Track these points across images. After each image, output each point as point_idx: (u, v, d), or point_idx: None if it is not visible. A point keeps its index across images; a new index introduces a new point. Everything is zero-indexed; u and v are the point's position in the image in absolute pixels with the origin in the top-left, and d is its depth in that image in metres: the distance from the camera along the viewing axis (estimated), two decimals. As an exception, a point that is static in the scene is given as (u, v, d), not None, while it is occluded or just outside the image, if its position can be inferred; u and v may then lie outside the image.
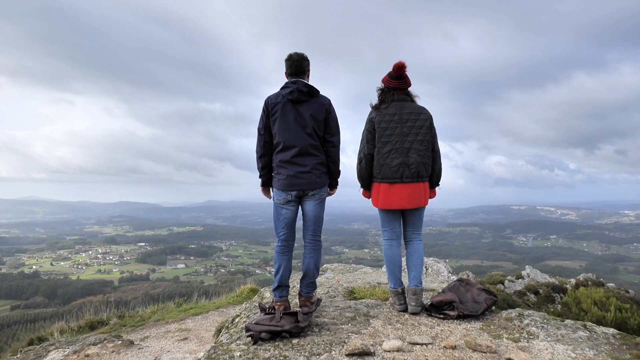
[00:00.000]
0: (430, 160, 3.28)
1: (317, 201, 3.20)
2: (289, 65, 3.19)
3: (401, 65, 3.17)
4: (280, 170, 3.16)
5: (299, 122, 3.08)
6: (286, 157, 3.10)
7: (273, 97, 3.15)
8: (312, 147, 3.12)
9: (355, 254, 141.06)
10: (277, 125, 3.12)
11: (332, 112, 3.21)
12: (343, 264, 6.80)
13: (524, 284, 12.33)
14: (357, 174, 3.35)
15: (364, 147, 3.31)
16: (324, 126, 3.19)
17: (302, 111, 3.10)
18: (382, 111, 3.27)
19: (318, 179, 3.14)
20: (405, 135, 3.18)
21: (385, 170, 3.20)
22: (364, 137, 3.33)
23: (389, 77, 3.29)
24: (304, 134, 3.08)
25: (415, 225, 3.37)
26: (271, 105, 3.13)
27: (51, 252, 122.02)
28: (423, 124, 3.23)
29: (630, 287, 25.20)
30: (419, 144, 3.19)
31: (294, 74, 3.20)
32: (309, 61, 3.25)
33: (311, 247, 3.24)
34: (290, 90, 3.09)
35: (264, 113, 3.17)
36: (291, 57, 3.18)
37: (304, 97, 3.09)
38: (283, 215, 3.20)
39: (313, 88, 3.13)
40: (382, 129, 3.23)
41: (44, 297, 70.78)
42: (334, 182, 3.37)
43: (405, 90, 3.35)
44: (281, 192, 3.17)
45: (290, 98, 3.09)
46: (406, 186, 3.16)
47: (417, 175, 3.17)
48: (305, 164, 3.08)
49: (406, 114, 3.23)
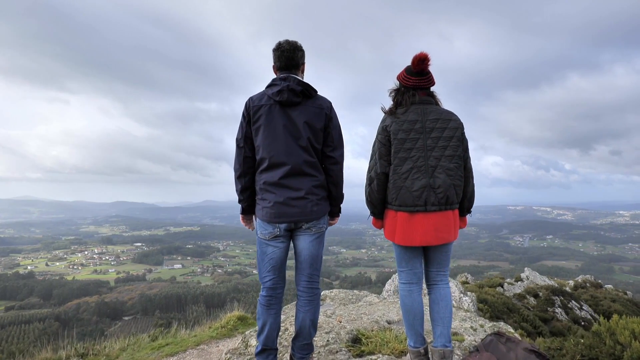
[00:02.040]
0: (462, 181, 2.45)
1: (314, 236, 2.42)
2: (278, 57, 2.40)
3: (423, 58, 2.38)
4: (266, 196, 2.36)
5: (289, 132, 2.31)
6: (273, 178, 2.32)
7: (256, 99, 2.37)
8: (308, 165, 2.34)
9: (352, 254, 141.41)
10: (260, 135, 2.34)
11: (333, 119, 2.44)
12: (344, 291, 5.63)
13: (523, 286, 12.33)
14: (367, 197, 2.56)
15: (376, 164, 2.48)
16: (322, 137, 2.40)
17: (294, 117, 2.32)
18: (400, 117, 2.44)
19: (315, 206, 2.36)
20: (430, 149, 2.40)
21: (404, 195, 2.39)
22: (376, 151, 2.50)
23: (405, 73, 2.49)
24: (296, 147, 2.31)
25: (441, 264, 2.58)
26: (253, 109, 2.35)
27: (46, 253, 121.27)
28: (453, 134, 2.42)
29: (626, 287, 25.20)
30: (447, 160, 2.40)
31: (284, 67, 2.41)
32: (303, 52, 2.46)
33: (306, 297, 2.47)
34: (279, 89, 2.29)
35: (244, 119, 2.39)
36: (281, 46, 2.38)
37: (296, 99, 2.31)
38: (269, 255, 2.41)
39: (309, 86, 2.35)
40: (400, 141, 2.40)
41: (39, 298, 70.35)
42: (335, 210, 2.57)
43: (428, 90, 2.53)
44: (266, 225, 2.37)
45: (278, 99, 2.30)
46: (431, 216, 2.39)
47: (445, 201, 2.39)
48: (299, 188, 2.32)
49: (431, 120, 2.43)
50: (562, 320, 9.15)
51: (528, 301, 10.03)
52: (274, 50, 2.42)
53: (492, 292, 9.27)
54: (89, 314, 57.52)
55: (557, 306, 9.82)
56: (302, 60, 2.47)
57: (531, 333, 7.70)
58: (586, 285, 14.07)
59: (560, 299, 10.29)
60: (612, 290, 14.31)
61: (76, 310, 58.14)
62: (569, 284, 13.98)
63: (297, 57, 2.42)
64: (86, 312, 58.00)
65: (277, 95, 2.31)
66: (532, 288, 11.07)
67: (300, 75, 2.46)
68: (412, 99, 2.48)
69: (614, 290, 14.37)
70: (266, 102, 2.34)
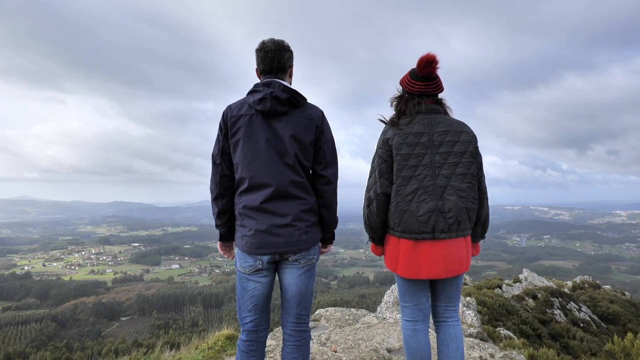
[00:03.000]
0: (475, 204, 2.11)
1: (302, 269, 2.07)
2: (262, 58, 2.07)
3: (430, 60, 2.06)
4: (246, 222, 2.03)
5: (273, 147, 1.98)
6: (254, 202, 1.99)
7: (234, 108, 2.05)
8: (295, 186, 2.00)
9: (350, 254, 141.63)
10: (239, 151, 2.01)
11: (325, 131, 2.09)
12: (340, 310, 5.01)
13: (522, 288, 12.31)
14: (365, 221, 2.22)
15: (376, 183, 2.14)
16: (312, 152, 2.06)
17: (279, 129, 1.99)
18: (403, 129, 2.10)
19: (304, 235, 2.01)
20: (439, 166, 2.07)
21: (408, 221, 2.06)
22: (375, 167, 2.16)
23: (410, 78, 2.17)
24: (281, 165, 1.99)
25: (451, 298, 2.25)
26: (231, 120, 2.03)
27: (43, 253, 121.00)
28: (465, 149, 2.08)
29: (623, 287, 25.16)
30: (459, 179, 2.07)
31: (268, 71, 2.08)
32: (291, 53, 2.12)
33: (294, 342, 2.11)
34: (261, 96, 1.97)
35: (220, 132, 2.06)
36: (264, 46, 2.06)
37: (281, 108, 1.98)
38: (250, 292, 2.08)
39: (296, 93, 2.03)
40: (404, 157, 2.07)
41: (36, 299, 70.13)
42: (328, 236, 2.20)
43: (436, 97, 2.20)
44: (247, 256, 2.04)
45: (260, 109, 1.97)
46: (440, 244, 2.05)
47: (456, 227, 2.06)
48: (284, 213, 1.98)
49: (439, 133, 2.09)
50: (561, 322, 9.13)
51: (527, 303, 10.01)
52: (257, 50, 2.08)
53: (490, 294, 9.24)
54: (86, 314, 57.40)
55: (556, 308, 9.80)
56: (289, 63, 2.11)
57: (530, 335, 7.68)
58: (584, 286, 14.07)
59: (559, 301, 10.28)
60: (611, 291, 14.31)
61: (73, 311, 58.02)
62: (567, 284, 13.97)
63: (284, 58, 2.07)
64: (83, 313, 57.88)
65: (259, 103, 1.97)
66: (531, 289, 11.05)
67: (287, 80, 2.11)
68: (418, 108, 2.13)
69: (612, 291, 14.37)
70: (246, 112, 2.00)
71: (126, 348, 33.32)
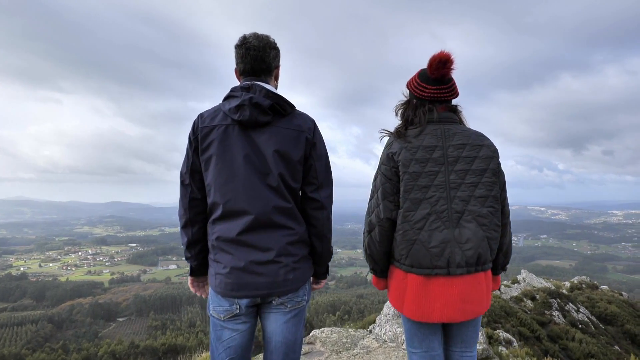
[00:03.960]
0: (498, 232, 1.78)
1: (289, 314, 1.72)
2: (242, 56, 1.72)
3: (445, 59, 1.73)
4: (220, 257, 1.67)
5: (253, 165, 1.64)
6: (229, 233, 1.64)
7: (207, 116, 1.71)
8: (280, 213, 1.66)
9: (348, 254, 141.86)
10: (212, 170, 1.67)
11: (318, 145, 1.74)
12: (337, 331, 4.70)
13: (520, 289, 12.30)
14: (365, 249, 1.90)
15: (379, 206, 1.79)
16: (302, 171, 1.71)
17: (261, 143, 1.66)
18: (412, 141, 1.76)
19: (291, 273, 1.66)
20: (455, 187, 1.73)
21: (417, 253, 1.72)
22: (378, 187, 1.81)
23: (419, 80, 1.83)
24: (263, 187, 1.64)
25: (468, 342, 1.92)
26: (202, 132, 1.68)
27: (40, 253, 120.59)
28: (486, 166, 1.75)
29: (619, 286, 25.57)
30: (479, 203, 1.73)
31: (249, 71, 1.74)
32: (278, 51, 1.79)
33: None
34: (238, 103, 1.64)
35: (190, 146, 1.72)
36: (246, 42, 1.71)
37: (263, 117, 1.64)
38: (225, 343, 1.71)
39: (282, 99, 1.69)
40: (413, 176, 1.73)
41: (32, 300, 69.80)
42: (321, 270, 1.86)
43: (449, 104, 1.86)
44: (221, 299, 1.68)
45: (237, 119, 1.63)
46: (456, 281, 1.71)
47: (476, 261, 1.72)
48: (267, 247, 1.63)
49: (455, 147, 1.76)
50: (560, 323, 9.11)
51: (525, 304, 9.99)
52: (237, 46, 1.71)
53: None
54: (83, 315, 57.14)
55: (554, 309, 9.78)
56: (275, 63, 1.77)
57: (529, 337, 7.65)
58: (582, 287, 14.08)
59: (558, 302, 10.27)
60: (608, 292, 14.32)
61: (70, 312, 57.74)
62: (565, 285, 13.98)
63: (269, 57, 1.73)
64: (80, 314, 57.61)
65: (236, 112, 1.62)
66: (529, 290, 11.04)
67: (272, 84, 1.77)
68: (429, 116, 1.78)
69: (609, 292, 14.38)
70: (220, 122, 1.65)
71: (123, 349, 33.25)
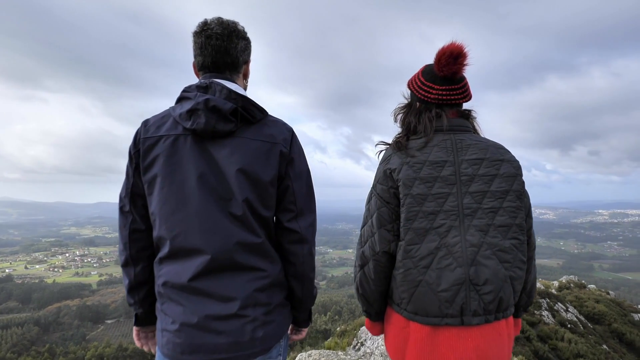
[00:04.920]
0: (523, 269, 1.40)
1: None
2: (202, 46, 1.34)
3: (457, 53, 1.39)
4: (168, 308, 1.27)
5: (210, 189, 1.26)
6: (179, 277, 1.25)
7: (152, 124, 1.32)
8: (246, 250, 1.27)
9: (339, 254, 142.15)
10: (156, 195, 1.28)
11: (296, 161, 1.35)
12: (326, 354, 4.19)
13: (510, 289, 12.44)
14: (356, 288, 1.52)
15: (373, 236, 1.44)
16: (275, 195, 1.33)
17: (221, 159, 1.27)
18: (415, 155, 1.41)
19: (260, 329, 1.26)
20: (470, 213, 1.37)
21: (423, 297, 1.36)
22: (373, 211, 1.45)
23: (423, 79, 1.48)
24: (223, 217, 1.26)
25: None
26: (145, 145, 1.30)
27: (26, 255, 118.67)
28: (509, 187, 1.38)
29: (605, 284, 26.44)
30: (500, 233, 1.36)
31: (210, 66, 1.36)
32: (249, 42, 1.42)
33: None
34: (191, 106, 1.26)
35: (130, 163, 1.34)
36: (207, 29, 1.32)
37: (224, 126, 1.26)
38: None
39: (249, 102, 1.30)
40: (417, 199, 1.37)
41: (18, 302, 68.70)
42: (302, 317, 1.47)
43: (460, 108, 1.51)
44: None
45: (190, 127, 1.25)
46: (472, 333, 1.36)
47: (496, 307, 1.35)
48: (228, 296, 1.24)
49: (470, 162, 1.40)
50: (549, 323, 9.20)
51: (515, 304, 10.07)
52: (195, 34, 1.33)
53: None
54: (70, 318, 56.31)
55: (544, 309, 9.88)
56: (244, 56, 1.39)
57: (519, 338, 7.70)
58: (570, 286, 14.26)
59: (547, 301, 10.37)
60: (596, 291, 14.53)
61: (56, 315, 56.85)
62: (554, 284, 14.14)
63: (236, 49, 1.34)
64: (67, 316, 56.76)
65: (188, 118, 1.23)
66: (519, 290, 11.14)
67: (239, 83, 1.39)
68: (437, 124, 1.43)
69: (597, 291, 14.59)
70: (169, 132, 1.26)
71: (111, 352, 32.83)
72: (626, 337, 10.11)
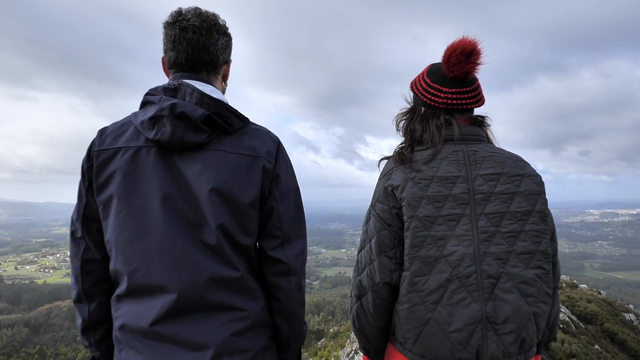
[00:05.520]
0: (548, 303, 1.16)
1: None
2: (174, 40, 1.11)
3: (469, 50, 1.19)
4: (127, 356, 1.02)
5: (177, 212, 1.02)
6: (139, 320, 1.01)
7: (109, 134, 1.09)
8: (221, 287, 1.03)
9: (332, 254, 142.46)
10: (112, 219, 1.05)
11: (282, 177, 1.13)
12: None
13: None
14: (354, 322, 1.33)
15: (372, 264, 1.22)
16: (257, 219, 1.10)
17: (191, 177, 1.04)
18: (422, 170, 1.20)
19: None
20: (487, 238, 1.14)
21: (432, 338, 1.13)
22: (371, 234, 1.23)
23: (429, 80, 1.28)
24: (192, 247, 1.02)
25: None
26: (99, 159, 1.06)
27: (16, 256, 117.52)
28: (531, 207, 1.16)
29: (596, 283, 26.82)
30: (522, 262, 1.14)
31: (183, 64, 1.14)
32: (230, 39, 1.20)
33: None
34: (154, 113, 1.03)
35: (82, 180, 1.10)
36: (182, 20, 1.10)
37: (194, 136, 1.03)
38: None
39: (225, 108, 1.07)
40: (425, 222, 1.15)
41: (8, 303, 67.99)
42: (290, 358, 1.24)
43: (472, 114, 1.31)
44: None
45: (154, 138, 1.02)
46: None
47: (518, 349, 1.13)
48: (199, 343, 1.00)
49: (485, 178, 1.18)
50: (542, 323, 9.23)
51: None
52: (167, 24, 1.12)
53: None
54: (61, 319, 55.70)
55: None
56: (224, 55, 1.18)
57: (513, 338, 7.72)
58: (562, 286, 14.35)
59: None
60: (587, 291, 14.64)
61: (47, 316, 56.23)
62: (546, 284, 14.25)
63: (216, 46, 1.14)
64: (58, 317, 56.15)
65: (151, 127, 1.02)
66: (512, 290, 11.18)
67: (217, 86, 1.17)
68: (446, 132, 1.23)
69: (588, 290, 14.71)
70: (128, 143, 1.05)
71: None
72: (618, 337, 10.18)
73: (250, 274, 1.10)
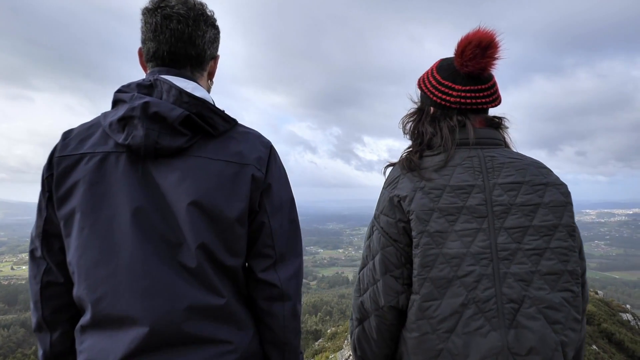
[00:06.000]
0: (577, 331, 0.97)
1: None
2: (155, 28, 0.94)
3: (486, 43, 1.02)
4: None
5: (150, 230, 0.85)
6: (106, 356, 0.83)
7: (73, 138, 0.92)
8: (203, 317, 0.86)
9: (330, 254, 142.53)
10: (74, 237, 0.87)
11: (274, 187, 0.96)
12: None
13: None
14: (354, 347, 1.15)
15: (376, 284, 1.04)
16: (246, 236, 0.94)
17: (167, 188, 0.88)
18: (432, 178, 1.02)
19: None
20: (507, 255, 0.97)
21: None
22: (375, 251, 1.05)
23: (439, 77, 1.11)
24: (168, 271, 0.85)
25: None
26: (60, 167, 0.89)
27: (12, 256, 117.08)
28: (558, 220, 0.99)
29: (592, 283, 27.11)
30: (549, 283, 0.96)
31: (163, 57, 0.96)
32: (218, 32, 1.04)
33: None
34: (124, 114, 0.86)
35: (43, 192, 0.93)
36: (166, 5, 0.93)
37: (171, 141, 0.86)
38: None
39: (207, 107, 0.90)
40: (436, 238, 0.98)
41: (4, 304, 67.74)
42: None
43: (487, 114, 1.14)
44: None
45: (124, 142, 0.86)
46: None
47: None
48: None
49: (505, 187, 1.01)
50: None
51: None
52: (147, 11, 0.96)
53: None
54: None
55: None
56: (212, 50, 1.04)
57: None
58: (560, 286, 14.41)
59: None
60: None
61: (43, 316, 56.13)
62: (544, 285, 14.27)
63: (203, 38, 0.99)
64: None
65: (121, 129, 0.88)
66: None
67: (201, 83, 1.02)
68: (460, 135, 1.07)
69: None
70: (94, 149, 0.90)
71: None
72: (615, 337, 10.19)
73: (238, 300, 0.94)
